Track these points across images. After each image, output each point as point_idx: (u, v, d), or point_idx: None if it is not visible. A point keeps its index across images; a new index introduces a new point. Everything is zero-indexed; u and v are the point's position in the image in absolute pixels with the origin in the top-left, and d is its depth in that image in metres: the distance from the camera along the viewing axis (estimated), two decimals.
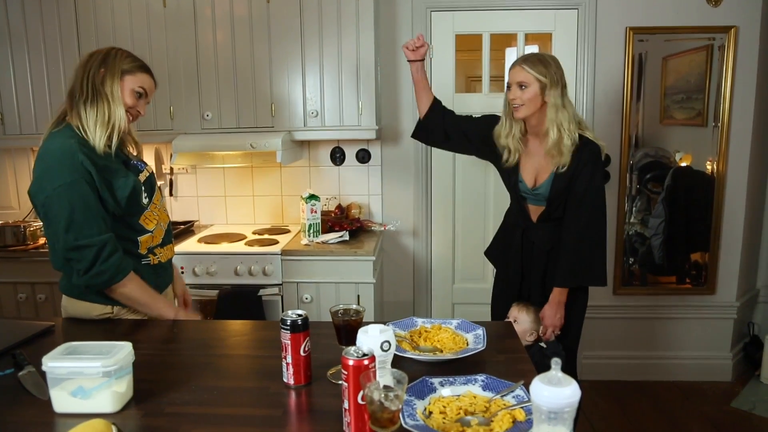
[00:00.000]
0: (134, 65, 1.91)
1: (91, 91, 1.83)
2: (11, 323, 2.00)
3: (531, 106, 2.25)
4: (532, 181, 2.37)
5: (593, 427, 3.13)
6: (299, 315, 1.42)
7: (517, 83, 2.25)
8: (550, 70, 2.24)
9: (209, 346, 1.74)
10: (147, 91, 1.95)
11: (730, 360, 3.66)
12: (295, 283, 3.00)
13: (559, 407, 1.02)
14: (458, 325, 1.74)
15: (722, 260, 3.59)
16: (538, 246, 2.44)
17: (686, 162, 3.53)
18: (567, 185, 2.28)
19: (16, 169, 3.71)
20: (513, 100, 2.27)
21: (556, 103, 2.23)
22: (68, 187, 1.74)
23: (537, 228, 2.43)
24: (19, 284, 3.10)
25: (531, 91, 2.23)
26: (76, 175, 1.75)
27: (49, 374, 1.32)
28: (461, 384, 1.38)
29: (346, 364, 1.18)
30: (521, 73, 2.24)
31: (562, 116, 2.23)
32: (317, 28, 3.14)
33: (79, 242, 1.75)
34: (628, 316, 3.66)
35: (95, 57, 1.88)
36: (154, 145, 3.44)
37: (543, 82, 2.23)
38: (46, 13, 3.20)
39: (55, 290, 3.01)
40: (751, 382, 3.61)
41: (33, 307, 3.11)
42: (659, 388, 3.56)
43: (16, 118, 3.29)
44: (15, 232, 3.13)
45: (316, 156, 3.60)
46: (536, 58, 2.27)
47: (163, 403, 1.37)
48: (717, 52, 3.39)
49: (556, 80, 2.24)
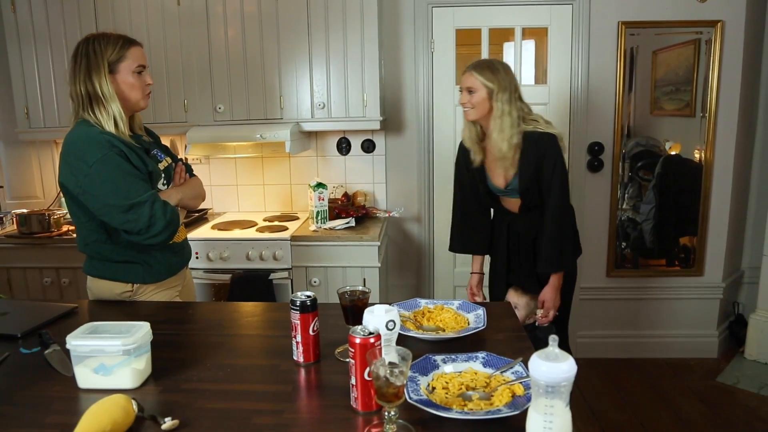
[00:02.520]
0: (118, 48, 1.82)
1: (86, 97, 1.80)
2: (37, 305, 2.01)
3: (479, 109, 2.26)
4: (502, 182, 2.36)
5: (587, 401, 3.13)
6: (308, 296, 1.41)
7: (466, 88, 2.26)
8: (498, 76, 2.23)
9: (223, 327, 1.73)
10: (143, 62, 1.89)
11: (716, 338, 3.65)
12: (304, 268, 2.99)
13: (556, 381, 1.01)
14: (459, 306, 1.73)
15: (709, 243, 3.57)
16: (523, 235, 2.42)
17: (675, 151, 3.51)
18: (534, 177, 2.27)
19: (40, 160, 3.71)
20: (463, 104, 2.30)
21: (502, 108, 2.22)
22: (102, 161, 1.73)
23: (520, 218, 2.42)
24: (44, 269, 3.11)
25: (478, 96, 2.24)
26: (106, 150, 1.74)
27: (72, 352, 1.32)
28: (463, 361, 1.37)
29: (353, 342, 1.17)
30: (470, 79, 2.25)
31: (505, 123, 2.22)
32: (323, 23, 3.11)
33: (131, 201, 1.73)
34: (620, 297, 3.64)
35: (80, 60, 1.80)
36: (170, 137, 3.43)
37: (490, 87, 2.22)
38: (67, 12, 3.18)
39: (78, 274, 3.02)
40: (736, 358, 3.59)
41: (58, 291, 3.11)
42: (649, 365, 3.55)
43: (40, 112, 3.28)
44: (40, 220, 3.12)
45: (323, 146, 3.58)
46: (485, 65, 2.26)
47: (180, 379, 1.37)
48: (704, 46, 3.35)
49: (504, 86, 2.23)
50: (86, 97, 1.80)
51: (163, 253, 1.93)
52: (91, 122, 1.79)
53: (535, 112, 2.35)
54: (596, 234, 3.58)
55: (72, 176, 1.76)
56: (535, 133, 2.25)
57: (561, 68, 3.43)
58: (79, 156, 1.74)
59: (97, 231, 1.85)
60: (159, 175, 1.91)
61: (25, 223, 3.12)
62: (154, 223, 1.76)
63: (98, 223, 1.83)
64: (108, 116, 1.79)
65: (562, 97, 3.44)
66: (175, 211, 1.84)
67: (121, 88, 1.84)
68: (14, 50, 3.23)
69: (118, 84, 1.83)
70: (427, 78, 3.46)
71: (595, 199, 3.54)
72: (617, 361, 3.61)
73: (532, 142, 2.24)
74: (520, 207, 2.38)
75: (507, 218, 2.46)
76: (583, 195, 3.52)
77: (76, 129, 1.80)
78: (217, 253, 2.98)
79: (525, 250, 2.43)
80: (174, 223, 1.82)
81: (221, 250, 2.98)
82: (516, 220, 2.43)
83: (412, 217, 3.62)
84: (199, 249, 2.96)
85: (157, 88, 3.10)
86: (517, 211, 2.41)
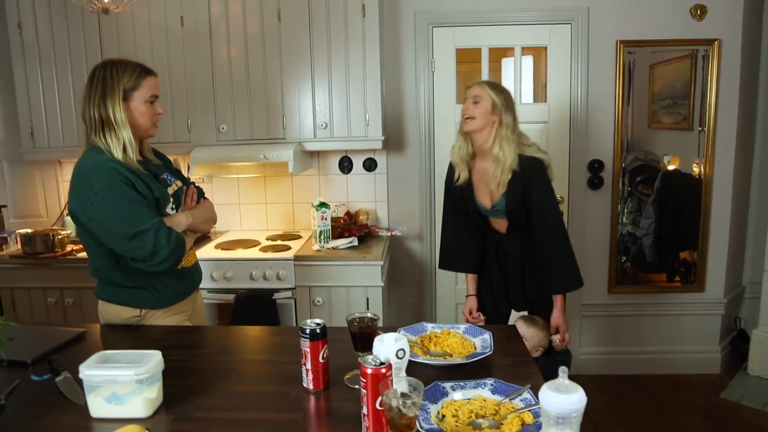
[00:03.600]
0: (134, 77, 1.86)
1: (99, 122, 1.82)
2: (45, 330, 2.01)
3: (480, 120, 2.27)
4: (488, 201, 2.38)
5: (591, 419, 3.14)
6: (317, 324, 1.43)
7: (472, 97, 2.29)
8: (505, 96, 2.29)
9: (231, 352, 1.75)
10: (156, 92, 1.92)
11: (719, 353, 3.66)
12: (307, 287, 3.00)
13: (567, 413, 1.03)
14: (466, 330, 1.75)
15: (710, 259, 3.59)
16: (512, 256, 2.44)
17: (674, 165, 3.54)
18: (521, 199, 2.29)
19: (44, 180, 3.72)
20: (465, 111, 2.30)
21: (505, 130, 2.26)
22: (108, 188, 1.75)
23: (508, 239, 2.43)
24: (48, 289, 3.11)
25: (483, 107, 2.26)
26: (111, 177, 1.76)
27: (85, 382, 1.33)
28: (471, 388, 1.39)
29: (365, 372, 1.18)
30: (478, 89, 2.29)
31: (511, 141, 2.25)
32: (325, 43, 3.15)
33: (135, 229, 1.75)
34: (622, 314, 3.66)
35: (96, 84, 1.84)
36: (173, 157, 3.42)
37: (495, 101, 2.26)
38: (72, 34, 3.22)
39: (83, 294, 3.02)
40: (739, 374, 3.60)
41: (62, 311, 3.12)
42: (652, 381, 3.56)
43: (45, 132, 3.30)
44: (45, 240, 3.14)
45: (326, 165, 3.61)
46: (494, 83, 2.34)
47: (191, 407, 1.38)
48: (701, 60, 3.40)
49: (510, 107, 2.28)
50: (98, 122, 1.83)
51: (171, 279, 1.94)
52: (102, 148, 1.82)
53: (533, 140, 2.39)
54: (597, 251, 3.60)
55: (80, 203, 1.78)
56: (524, 156, 2.29)
57: (560, 87, 3.47)
58: (87, 183, 1.77)
59: (105, 257, 1.87)
60: (167, 199, 1.93)
61: (30, 243, 3.13)
62: (158, 250, 1.77)
63: (107, 249, 1.85)
64: (118, 142, 1.82)
65: (562, 115, 3.48)
66: (180, 238, 1.85)
67: (133, 115, 1.87)
68: (19, 71, 3.26)
69: (130, 111, 1.86)
70: (427, 97, 3.50)
71: (595, 216, 3.57)
72: (620, 377, 3.62)
73: (521, 164, 2.27)
74: (507, 227, 2.41)
75: (495, 238, 2.48)
76: (584, 212, 3.54)
77: (85, 156, 1.82)
78: (221, 273, 2.99)
79: (514, 271, 2.45)
80: (179, 250, 1.83)
81: (225, 270, 2.99)
82: (504, 240, 2.45)
83: (414, 235, 3.64)
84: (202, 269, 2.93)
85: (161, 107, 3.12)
86: (504, 231, 2.43)
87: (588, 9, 3.36)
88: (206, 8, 3.15)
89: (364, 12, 3.11)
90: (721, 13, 3.33)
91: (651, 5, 3.35)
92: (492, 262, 2.50)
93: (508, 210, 2.32)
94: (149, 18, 3.18)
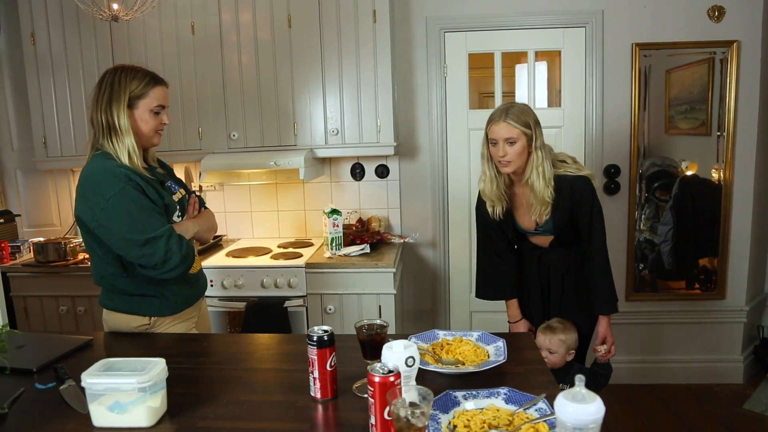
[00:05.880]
0: (142, 85, 1.84)
1: (106, 127, 1.81)
2: (53, 338, 1.99)
3: (519, 160, 2.12)
4: (531, 224, 2.28)
5: (608, 429, 3.06)
6: (325, 331, 1.39)
7: (504, 140, 2.09)
8: (530, 119, 2.11)
9: (238, 360, 1.71)
10: (163, 102, 1.90)
11: (741, 362, 3.56)
12: (319, 295, 2.97)
13: (584, 423, 0.98)
14: (479, 338, 1.70)
15: (731, 265, 3.50)
16: (554, 269, 2.36)
17: (692, 170, 3.46)
18: (569, 219, 2.21)
19: (57, 189, 3.74)
20: (502, 158, 2.11)
21: (541, 155, 2.11)
22: (119, 195, 1.73)
23: (551, 252, 2.35)
24: (60, 297, 3.12)
25: (519, 146, 2.09)
26: (123, 183, 1.75)
27: (87, 390, 1.30)
28: (484, 397, 1.34)
29: (373, 381, 1.14)
30: (508, 129, 2.08)
31: (547, 169, 2.12)
32: (336, 49, 3.13)
33: (147, 235, 1.73)
34: (640, 322, 3.57)
35: (104, 89, 1.83)
36: (184, 164, 3.44)
37: (529, 134, 2.10)
38: (85, 42, 3.24)
39: (94, 303, 3.02)
40: (763, 384, 3.49)
41: (73, 319, 3.12)
42: (672, 391, 3.47)
43: (58, 141, 3.32)
44: (57, 249, 3.14)
45: (337, 172, 3.58)
46: (518, 110, 2.11)
47: (196, 417, 1.35)
48: (718, 64, 3.33)
49: (535, 126, 2.12)
50: (105, 127, 1.82)
51: (179, 286, 1.92)
52: (110, 153, 1.81)
53: (558, 151, 2.28)
54: (615, 258, 3.48)
55: (88, 210, 1.76)
56: (568, 176, 2.17)
57: (575, 91, 3.41)
58: (96, 190, 1.75)
59: (113, 264, 1.84)
60: (174, 207, 1.91)
61: (42, 252, 3.14)
62: (170, 257, 1.75)
63: (114, 257, 1.83)
64: (123, 148, 1.81)
65: (577, 120, 3.42)
66: (191, 245, 1.83)
67: (137, 123, 1.85)
68: (33, 81, 3.29)
69: (134, 119, 1.85)
70: (440, 102, 3.46)
71: (612, 222, 3.48)
72: (639, 387, 3.53)
73: (566, 186, 2.17)
74: (552, 242, 2.32)
75: (536, 252, 2.39)
76: None
77: (93, 162, 1.80)
78: (232, 281, 2.97)
79: (555, 284, 2.37)
80: (189, 257, 1.81)
81: (236, 277, 2.97)
82: (546, 254, 2.37)
83: (427, 242, 3.60)
84: (214, 277, 2.96)
85: (172, 116, 3.11)
86: (546, 245, 2.35)
87: (602, 12, 3.31)
88: (217, 16, 3.16)
89: (375, 18, 3.09)
90: (740, 14, 3.26)
91: (667, 7, 3.29)
92: (532, 276, 2.40)
93: (556, 230, 2.24)
94: (160, 26, 3.18)
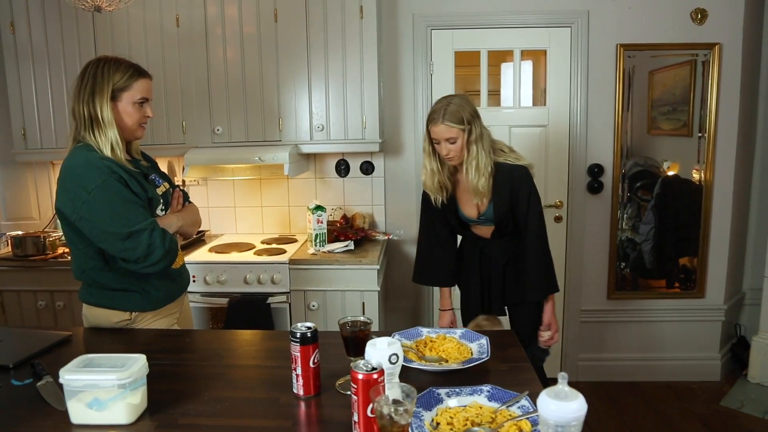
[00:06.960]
0: (126, 77, 1.81)
1: (88, 119, 1.78)
2: (30, 333, 1.96)
3: (462, 153, 2.20)
4: (474, 212, 2.33)
5: (589, 426, 3.08)
6: (308, 327, 1.38)
7: (445, 140, 2.18)
8: (467, 114, 2.17)
9: (220, 356, 1.70)
10: (147, 95, 1.87)
11: (719, 360, 3.62)
12: (302, 291, 2.95)
13: (566, 421, 0.99)
14: (462, 335, 1.70)
15: (710, 265, 3.55)
16: (495, 260, 2.40)
17: (673, 171, 3.50)
18: (508, 207, 2.26)
19: (37, 181, 3.68)
20: (447, 155, 2.20)
21: (477, 147, 2.18)
22: (102, 187, 1.71)
23: (493, 244, 2.39)
24: (39, 292, 3.06)
25: (460, 143, 2.17)
26: (105, 176, 1.72)
27: (66, 386, 1.28)
28: (467, 395, 1.34)
29: (356, 378, 1.14)
30: (447, 130, 2.16)
31: (480, 160, 2.17)
32: (323, 45, 3.11)
33: (130, 229, 1.71)
34: (621, 320, 3.61)
35: (87, 80, 1.79)
36: (167, 159, 3.40)
37: (465, 129, 2.16)
38: (66, 32, 3.17)
39: (74, 298, 2.97)
40: (739, 381, 3.55)
41: (52, 314, 3.07)
42: (652, 389, 3.51)
43: (37, 133, 3.25)
44: (35, 242, 3.09)
45: (322, 168, 3.57)
46: (454, 108, 2.16)
47: (177, 414, 1.33)
48: (700, 66, 3.37)
49: (474, 121, 2.19)
50: (87, 119, 1.79)
51: (161, 281, 1.89)
52: (92, 145, 1.78)
53: (496, 138, 2.31)
54: (597, 256, 3.56)
55: (70, 202, 1.73)
56: (506, 165, 2.23)
57: (560, 90, 3.43)
58: (78, 182, 1.72)
59: (94, 258, 1.82)
60: (158, 200, 1.89)
61: (20, 246, 3.08)
62: (153, 251, 1.73)
63: (96, 250, 1.80)
64: (106, 140, 1.78)
65: (561, 119, 3.44)
66: (174, 239, 1.81)
67: (120, 116, 1.82)
68: (12, 70, 3.22)
69: (118, 111, 1.82)
70: (426, 99, 3.46)
71: (595, 221, 3.52)
72: (619, 384, 3.57)
73: (504, 174, 2.22)
74: (493, 233, 2.36)
75: (479, 244, 2.43)
76: (583, 217, 3.50)
77: (75, 154, 1.77)
78: (215, 277, 2.94)
79: (496, 275, 2.41)
80: (172, 251, 1.79)
81: (219, 273, 2.94)
82: (488, 245, 2.41)
83: (411, 239, 3.59)
84: (196, 272, 2.93)
85: (156, 109, 3.05)
86: (489, 236, 2.39)
87: (588, 12, 3.33)
88: (202, 8, 3.12)
89: (362, 13, 3.07)
90: (722, 18, 3.30)
91: (651, 9, 3.32)
92: (473, 267, 2.45)
93: (496, 218, 2.29)
94: (144, 18, 3.14)
